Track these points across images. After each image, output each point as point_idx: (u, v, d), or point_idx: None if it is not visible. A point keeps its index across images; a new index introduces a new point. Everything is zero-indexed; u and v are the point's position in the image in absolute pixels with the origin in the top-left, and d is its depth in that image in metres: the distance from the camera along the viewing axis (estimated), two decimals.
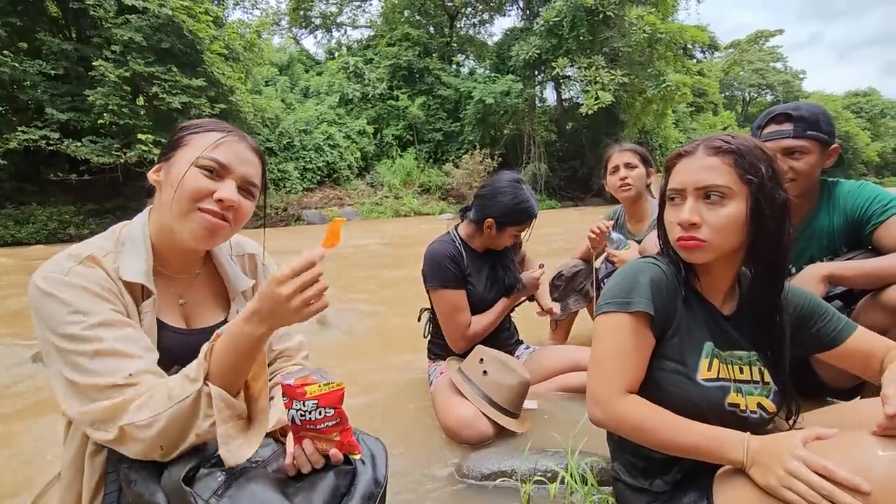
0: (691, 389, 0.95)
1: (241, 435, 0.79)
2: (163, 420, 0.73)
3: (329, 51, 27.09)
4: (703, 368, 0.95)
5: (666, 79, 20.41)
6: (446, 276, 1.79)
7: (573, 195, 23.10)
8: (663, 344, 0.98)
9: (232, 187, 0.90)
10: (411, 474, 1.44)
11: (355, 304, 3.95)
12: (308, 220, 15.99)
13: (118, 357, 0.77)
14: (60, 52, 12.08)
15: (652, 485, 1.00)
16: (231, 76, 14.35)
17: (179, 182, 0.86)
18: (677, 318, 0.98)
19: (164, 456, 0.76)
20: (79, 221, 12.33)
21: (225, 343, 0.78)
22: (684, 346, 0.97)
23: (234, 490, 0.74)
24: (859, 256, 1.49)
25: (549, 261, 2.17)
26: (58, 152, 11.85)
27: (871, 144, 43.94)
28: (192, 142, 0.90)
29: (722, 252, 0.93)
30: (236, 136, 0.93)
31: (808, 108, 1.53)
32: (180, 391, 0.75)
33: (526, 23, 24.88)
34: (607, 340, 0.97)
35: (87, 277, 0.81)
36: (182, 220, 0.88)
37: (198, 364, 0.77)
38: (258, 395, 0.84)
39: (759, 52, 44.78)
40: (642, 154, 2.28)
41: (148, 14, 12.07)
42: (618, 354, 0.95)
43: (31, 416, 2.00)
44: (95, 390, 0.76)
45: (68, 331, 0.77)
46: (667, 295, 0.97)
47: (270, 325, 0.77)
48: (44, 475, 1.28)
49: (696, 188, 0.92)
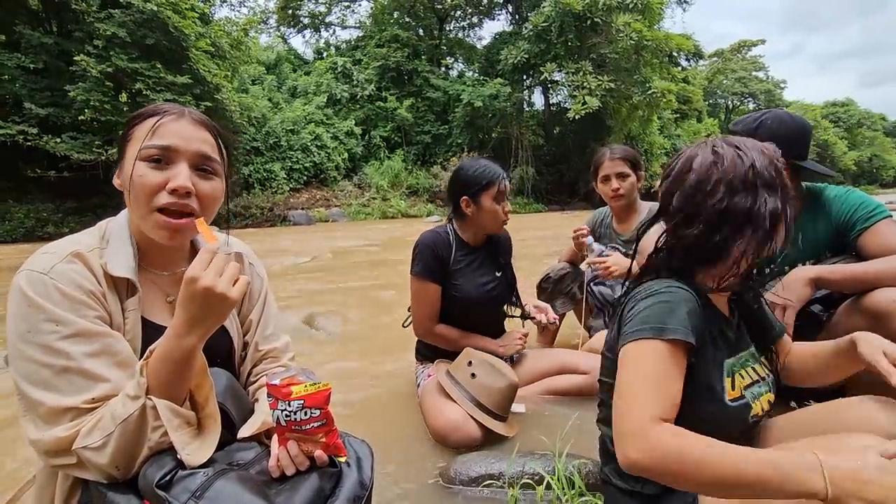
0: (722, 413, 0.89)
1: (195, 440, 0.78)
2: (113, 440, 0.72)
3: (317, 50, 26.96)
4: (728, 388, 0.91)
5: (652, 85, 20.74)
6: (425, 266, 1.80)
7: (560, 199, 23.31)
8: (691, 360, 0.88)
9: (184, 171, 0.83)
10: (397, 477, 1.42)
11: (342, 305, 3.91)
12: (294, 220, 15.85)
13: (84, 378, 0.75)
14: (40, 46, 11.81)
15: (643, 487, 0.99)
16: (217, 74, 14.19)
17: (130, 183, 0.82)
18: (701, 341, 0.91)
19: (123, 475, 0.75)
20: (57, 219, 12.05)
21: (159, 358, 0.76)
22: (709, 368, 0.91)
23: (213, 492, 0.72)
24: (843, 262, 1.51)
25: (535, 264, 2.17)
26: (36, 148, 11.59)
27: (847, 153, 45.22)
28: (134, 134, 0.84)
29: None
30: (173, 113, 0.85)
31: (776, 126, 1.52)
32: (123, 410, 0.73)
33: (515, 27, 25.11)
34: (639, 367, 0.83)
35: (70, 278, 0.78)
36: (144, 222, 0.85)
37: (135, 382, 0.75)
38: (204, 402, 0.82)
39: (742, 61, 45.74)
40: (633, 160, 2.25)
41: (132, 9, 11.88)
42: (653, 381, 0.81)
43: (7, 416, 1.93)
44: (53, 413, 0.73)
45: (40, 340, 0.74)
46: (700, 319, 0.88)
47: (203, 330, 0.76)
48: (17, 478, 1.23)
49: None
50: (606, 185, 2.24)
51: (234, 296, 0.76)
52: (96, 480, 0.75)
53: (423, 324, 1.87)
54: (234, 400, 0.92)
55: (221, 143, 0.91)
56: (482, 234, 1.90)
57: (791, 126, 1.54)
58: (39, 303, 0.75)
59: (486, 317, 1.94)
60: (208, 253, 0.76)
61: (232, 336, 1.03)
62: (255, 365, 1.07)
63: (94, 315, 0.79)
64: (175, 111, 0.86)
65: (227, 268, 0.76)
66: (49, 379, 0.74)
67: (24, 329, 0.74)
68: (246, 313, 1.08)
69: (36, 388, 0.74)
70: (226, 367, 0.98)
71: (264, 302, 1.10)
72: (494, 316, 1.98)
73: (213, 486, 0.72)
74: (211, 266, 0.75)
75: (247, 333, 1.08)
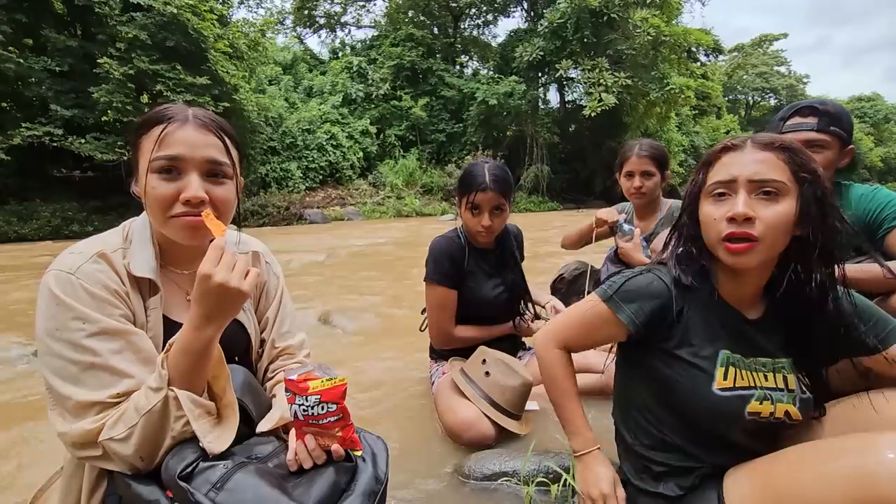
0: (704, 399, 0.92)
1: (215, 429, 0.81)
2: (137, 431, 0.75)
3: (333, 50, 27.15)
4: (720, 377, 0.92)
5: (669, 82, 20.39)
6: (442, 273, 1.78)
7: (575, 197, 23.07)
8: (673, 350, 0.96)
9: (195, 182, 0.83)
10: (412, 473, 1.43)
11: (357, 303, 3.94)
12: (310, 219, 15.99)
13: (110, 374, 0.78)
14: (65, 49, 12.13)
15: (665, 488, 0.98)
16: (235, 75, 14.39)
17: (145, 196, 0.85)
18: (680, 329, 0.96)
19: (147, 465, 0.77)
20: (82, 218, 12.35)
21: (179, 351, 0.78)
22: (699, 354, 0.94)
23: (232, 483, 0.74)
24: (868, 260, 1.48)
25: (549, 262, 2.16)
26: (62, 149, 11.91)
27: (874, 149, 43.84)
28: (143, 145, 0.85)
29: (770, 254, 0.88)
30: (178, 120, 0.84)
31: (833, 104, 1.54)
32: (146, 402, 0.76)
33: (530, 24, 24.91)
34: (583, 308, 1.08)
35: (95, 277, 0.81)
36: (164, 229, 0.87)
37: (157, 374, 0.78)
38: (222, 393, 0.85)
39: (764, 55, 44.71)
40: (660, 159, 2.15)
41: (153, 12, 12.11)
42: (580, 321, 1.08)
43: (34, 412, 2.00)
44: (80, 407, 0.76)
45: (68, 337, 0.77)
46: (660, 317, 0.97)
47: (219, 323, 0.78)
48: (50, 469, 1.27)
49: (750, 181, 0.86)
50: (630, 181, 2.16)
51: (247, 289, 0.78)
52: (121, 472, 0.78)
53: (444, 329, 1.83)
54: (252, 396, 0.94)
55: (229, 142, 0.90)
56: (474, 233, 1.82)
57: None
58: (67, 302, 0.77)
59: (499, 317, 1.93)
60: (217, 249, 0.78)
61: (249, 333, 1.05)
62: (271, 361, 1.09)
63: (118, 313, 0.82)
64: (179, 116, 0.85)
65: (237, 262, 0.78)
66: (77, 374, 0.77)
67: (53, 327, 0.77)
68: (263, 311, 1.10)
69: (64, 382, 0.77)
70: (243, 364, 1.00)
71: (280, 300, 1.12)
72: (506, 317, 1.97)
73: (233, 478, 0.74)
74: (222, 262, 0.77)
75: (263, 331, 1.10)
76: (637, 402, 1.05)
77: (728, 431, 0.94)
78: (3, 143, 11.14)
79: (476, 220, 1.74)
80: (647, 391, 1.03)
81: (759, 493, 0.83)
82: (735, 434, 0.94)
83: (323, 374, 0.81)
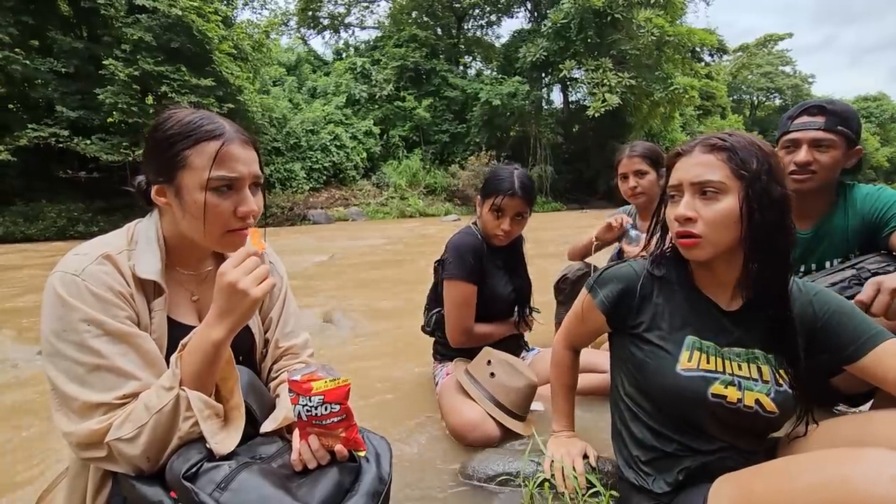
0: (668, 378, 0.98)
1: (222, 431, 0.81)
2: (147, 430, 0.75)
3: (337, 51, 27.19)
4: (684, 360, 0.98)
5: (673, 82, 20.36)
6: (466, 268, 1.77)
7: (578, 198, 23.05)
8: (643, 333, 1.05)
9: (249, 196, 0.88)
10: (415, 474, 1.43)
11: (361, 303, 3.95)
12: (314, 219, 16.02)
13: (116, 375, 0.78)
14: (71, 51, 12.21)
15: (653, 485, 1.01)
16: (239, 76, 14.44)
17: (203, 215, 0.85)
18: (648, 313, 1.04)
19: (152, 466, 0.78)
20: (87, 219, 12.42)
21: (192, 350, 0.80)
22: (666, 338, 1.02)
23: (237, 483, 0.74)
24: (872, 260, 1.47)
25: (551, 263, 2.15)
26: (67, 150, 11.98)
27: (880, 149, 43.54)
28: (191, 161, 0.84)
29: (718, 248, 0.94)
30: (226, 138, 0.86)
31: (842, 105, 1.54)
32: (158, 401, 0.77)
33: (533, 25, 24.91)
34: (577, 303, 1.19)
35: (100, 279, 0.81)
36: (215, 244, 0.90)
37: (170, 373, 0.79)
38: (229, 395, 0.86)
39: (768, 55, 44.45)
40: (653, 157, 2.17)
41: (158, 14, 12.18)
42: (574, 315, 1.20)
43: (39, 412, 2.01)
44: (85, 408, 0.77)
45: (74, 338, 0.77)
46: (627, 298, 1.07)
47: (230, 324, 0.79)
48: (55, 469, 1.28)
49: (691, 184, 0.95)
50: (625, 183, 2.20)
51: (256, 294, 0.78)
52: (125, 473, 0.78)
53: (462, 327, 1.82)
54: (256, 396, 0.94)
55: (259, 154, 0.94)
56: (490, 234, 1.85)
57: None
58: (73, 303, 0.78)
59: (507, 315, 1.94)
60: (244, 252, 0.80)
61: (254, 333, 1.05)
62: (275, 361, 1.10)
63: (123, 315, 0.82)
64: (226, 134, 0.86)
65: (256, 268, 0.80)
66: (83, 376, 0.77)
67: (59, 328, 0.78)
68: (266, 311, 1.10)
69: (70, 383, 0.77)
70: (247, 364, 1.01)
71: (284, 300, 1.13)
72: (511, 315, 1.97)
73: (237, 478, 0.75)
74: (242, 265, 0.79)
75: (267, 331, 1.10)
76: (622, 389, 1.12)
77: (695, 415, 0.97)
78: (10, 145, 11.22)
79: (497, 222, 1.78)
80: (627, 376, 1.10)
81: (739, 502, 0.84)
82: (704, 420, 0.97)
83: (326, 374, 0.81)
